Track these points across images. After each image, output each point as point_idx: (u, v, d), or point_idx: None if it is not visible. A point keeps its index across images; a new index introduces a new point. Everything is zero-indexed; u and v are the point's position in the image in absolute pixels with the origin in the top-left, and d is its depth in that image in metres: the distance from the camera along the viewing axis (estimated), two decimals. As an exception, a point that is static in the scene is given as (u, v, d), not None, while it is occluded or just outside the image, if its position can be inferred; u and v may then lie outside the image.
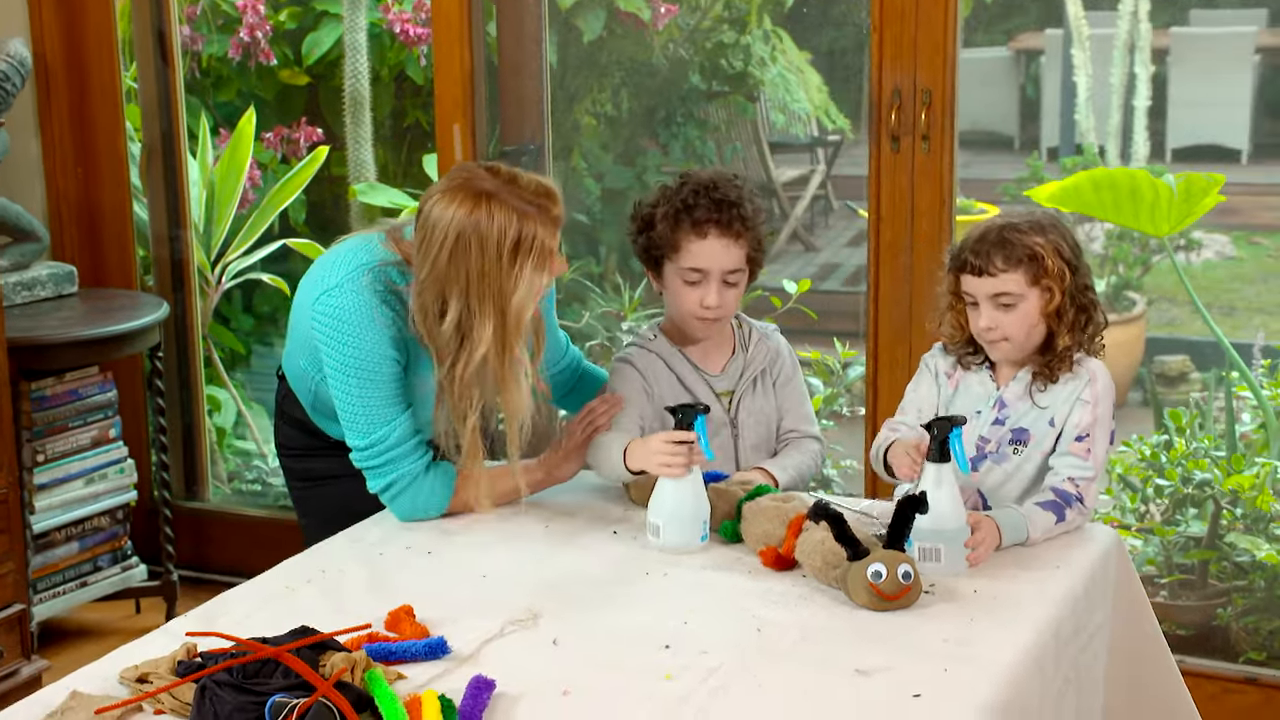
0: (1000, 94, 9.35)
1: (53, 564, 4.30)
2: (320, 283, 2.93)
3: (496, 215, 2.75)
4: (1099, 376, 2.86)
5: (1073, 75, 7.03)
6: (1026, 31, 9.23)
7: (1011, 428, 2.89)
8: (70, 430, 4.30)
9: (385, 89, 5.46)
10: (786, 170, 8.13)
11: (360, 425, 2.92)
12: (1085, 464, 2.82)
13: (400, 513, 2.95)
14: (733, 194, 3.05)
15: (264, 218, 5.00)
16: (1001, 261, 2.81)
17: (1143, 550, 4.19)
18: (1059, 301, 2.82)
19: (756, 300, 5.19)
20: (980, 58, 9.58)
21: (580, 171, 6.89)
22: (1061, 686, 2.53)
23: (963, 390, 2.96)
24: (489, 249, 2.74)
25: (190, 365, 4.84)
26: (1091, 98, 6.97)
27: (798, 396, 3.24)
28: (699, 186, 3.06)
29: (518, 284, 2.77)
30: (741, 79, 7.53)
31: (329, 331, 2.89)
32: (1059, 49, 8.26)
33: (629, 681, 2.29)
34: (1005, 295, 2.82)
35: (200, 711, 2.18)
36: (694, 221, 3.04)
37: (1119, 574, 2.82)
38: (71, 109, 4.65)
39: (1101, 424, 2.84)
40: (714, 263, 3.05)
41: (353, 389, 2.90)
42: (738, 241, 3.05)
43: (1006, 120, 9.37)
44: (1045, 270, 2.80)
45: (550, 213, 2.82)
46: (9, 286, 4.30)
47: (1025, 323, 2.83)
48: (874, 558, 2.52)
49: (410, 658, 2.38)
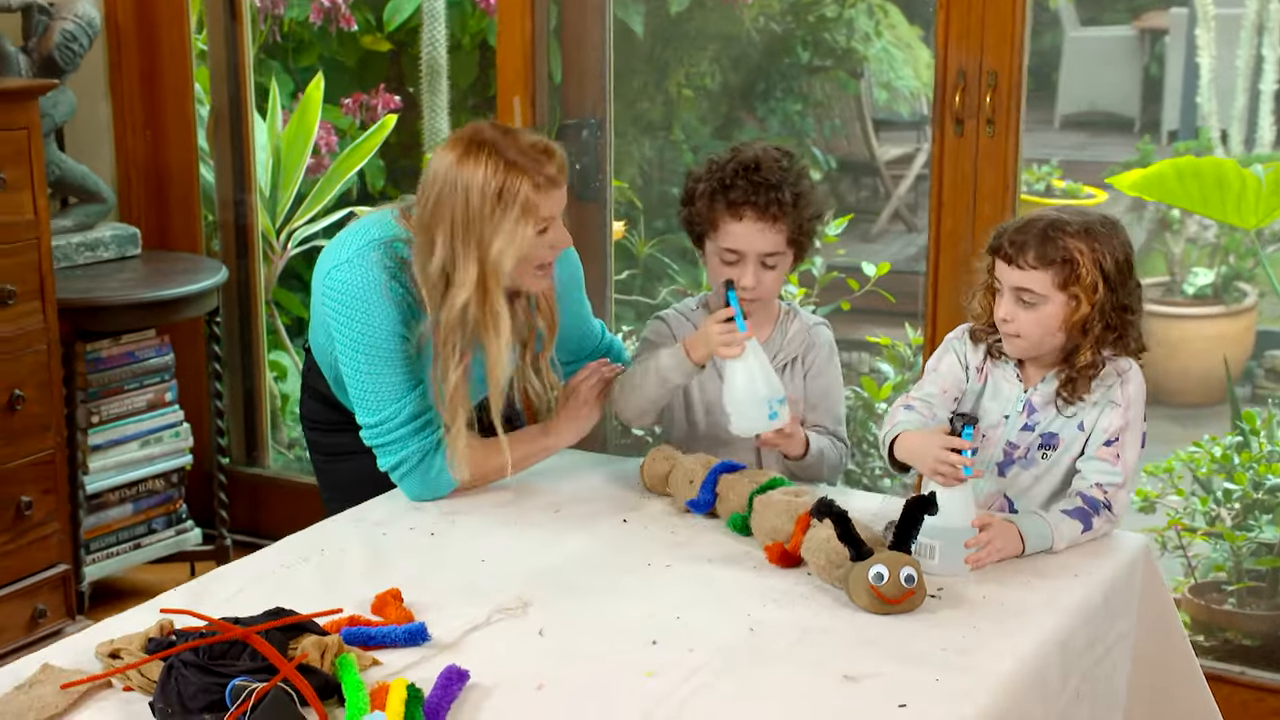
0: (1122, 74, 9.13)
1: (106, 525, 4.31)
2: (331, 258, 2.92)
3: (485, 163, 2.77)
4: (1131, 378, 2.73)
5: (1196, 56, 6.81)
6: (1153, 10, 8.99)
7: (1041, 433, 2.78)
8: (126, 392, 4.31)
9: (468, 57, 5.42)
10: (890, 148, 7.99)
11: (369, 402, 2.89)
12: (1114, 469, 2.70)
13: (410, 492, 2.91)
14: (775, 175, 2.95)
15: (330, 185, 4.98)
16: (1034, 257, 2.67)
17: (1211, 555, 4.05)
18: (1085, 314, 2.67)
19: (833, 282, 5.09)
20: (1102, 36, 9.37)
21: (679, 144, 6.82)
22: (1071, 699, 2.43)
23: (991, 390, 2.85)
24: (473, 195, 2.76)
25: (252, 331, 4.83)
26: (1215, 80, 6.75)
27: (831, 393, 3.14)
28: (741, 166, 2.97)
29: (497, 232, 2.77)
30: (845, 54, 7.41)
31: (338, 307, 2.87)
32: (1184, 28, 8.04)
33: (608, 677, 2.23)
34: (1028, 292, 2.69)
35: (164, 690, 2.15)
36: (730, 202, 2.96)
37: (1146, 583, 2.71)
38: (142, 71, 4.65)
39: (1132, 428, 2.72)
40: (750, 245, 2.97)
41: (361, 365, 2.87)
42: (775, 225, 2.95)
43: (1128, 101, 9.14)
44: (1077, 278, 2.65)
45: (542, 169, 2.79)
46: (72, 247, 4.32)
47: (1042, 325, 2.70)
48: (877, 559, 2.43)
49: (389, 643, 2.34)
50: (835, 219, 5.39)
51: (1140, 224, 7.24)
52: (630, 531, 2.80)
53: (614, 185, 4.32)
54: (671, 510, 2.89)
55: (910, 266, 6.91)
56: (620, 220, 5.20)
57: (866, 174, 8.05)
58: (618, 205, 4.98)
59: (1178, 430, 5.59)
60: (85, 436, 4.21)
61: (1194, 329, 6.20)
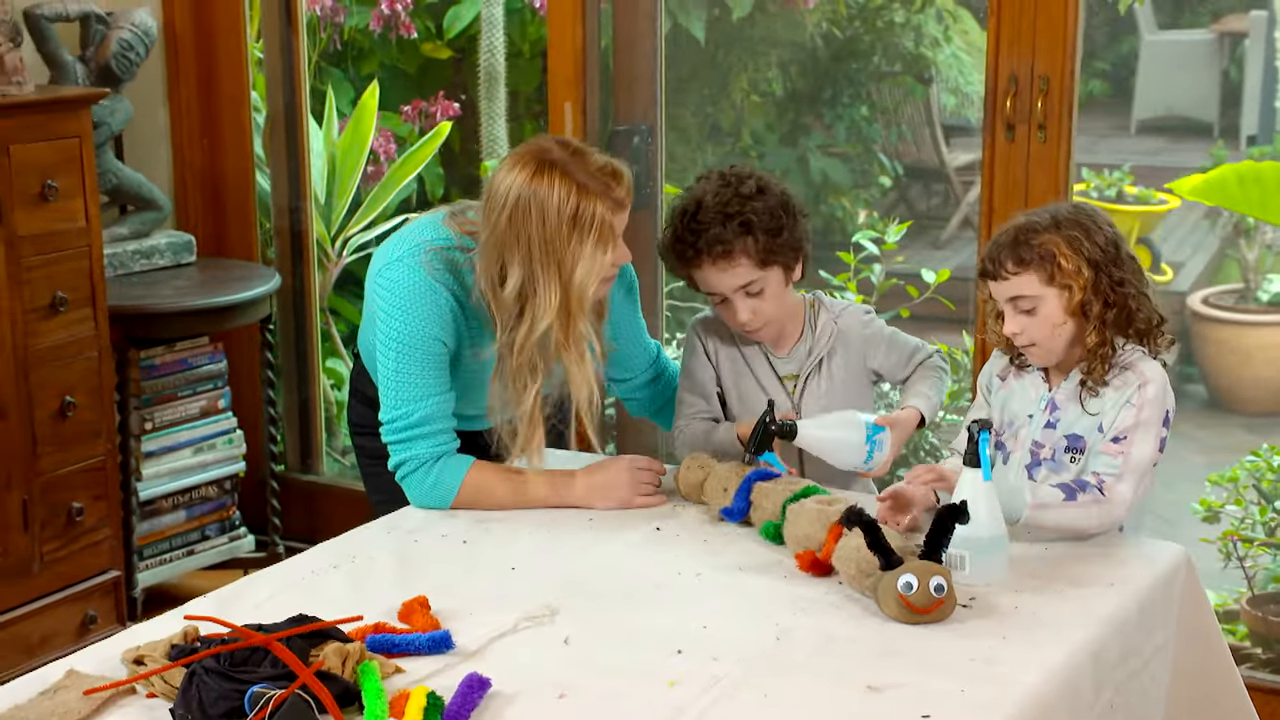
0: (1200, 79, 9.02)
1: (159, 531, 4.34)
2: (384, 256, 2.95)
3: (557, 185, 2.74)
4: (1151, 381, 2.69)
5: (1275, 60, 6.73)
6: (1231, 14, 8.87)
7: (1065, 433, 2.75)
8: (179, 399, 4.33)
9: (529, 64, 5.42)
10: (960, 154, 7.93)
11: (390, 398, 2.91)
12: (1114, 462, 2.67)
13: (411, 496, 2.92)
14: (714, 214, 2.91)
15: (385, 192, 4.99)
16: (1013, 264, 2.68)
17: (1270, 567, 3.98)
18: (1080, 298, 2.67)
19: (892, 289, 5.05)
20: (1180, 40, 9.25)
21: (748, 150, 6.79)
22: (1104, 711, 2.39)
23: (1016, 392, 2.83)
24: (549, 217, 2.73)
25: (307, 338, 4.85)
26: (1293, 84, 6.66)
27: (893, 351, 3.11)
28: (682, 212, 2.96)
29: (578, 258, 2.75)
30: (913, 59, 7.36)
31: (385, 303, 2.90)
32: (1263, 31, 7.94)
33: (631, 686, 2.22)
34: (1022, 299, 2.69)
35: (185, 697, 2.15)
36: (683, 258, 2.97)
37: (1185, 593, 2.66)
38: (199, 79, 4.67)
39: (1145, 428, 2.67)
40: (721, 286, 2.96)
41: (391, 360, 2.89)
42: (731, 260, 2.92)
43: (1206, 106, 9.03)
44: (1059, 268, 2.66)
45: (612, 192, 2.77)
46: (128, 254, 4.35)
47: (1048, 325, 2.69)
48: (906, 568, 2.40)
49: (413, 651, 2.33)
50: (898, 225, 5.35)
51: (1214, 230, 7.16)
52: (662, 539, 2.78)
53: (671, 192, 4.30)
54: (705, 518, 2.87)
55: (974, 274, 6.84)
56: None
57: (936, 180, 7.99)
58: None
59: (1251, 439, 5.51)
60: (138, 443, 4.24)
61: (1269, 336, 6.12)
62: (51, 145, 3.80)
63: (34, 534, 3.83)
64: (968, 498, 2.50)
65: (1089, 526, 2.67)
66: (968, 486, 2.53)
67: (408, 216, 5.02)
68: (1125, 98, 9.01)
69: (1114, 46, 8.83)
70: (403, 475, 2.91)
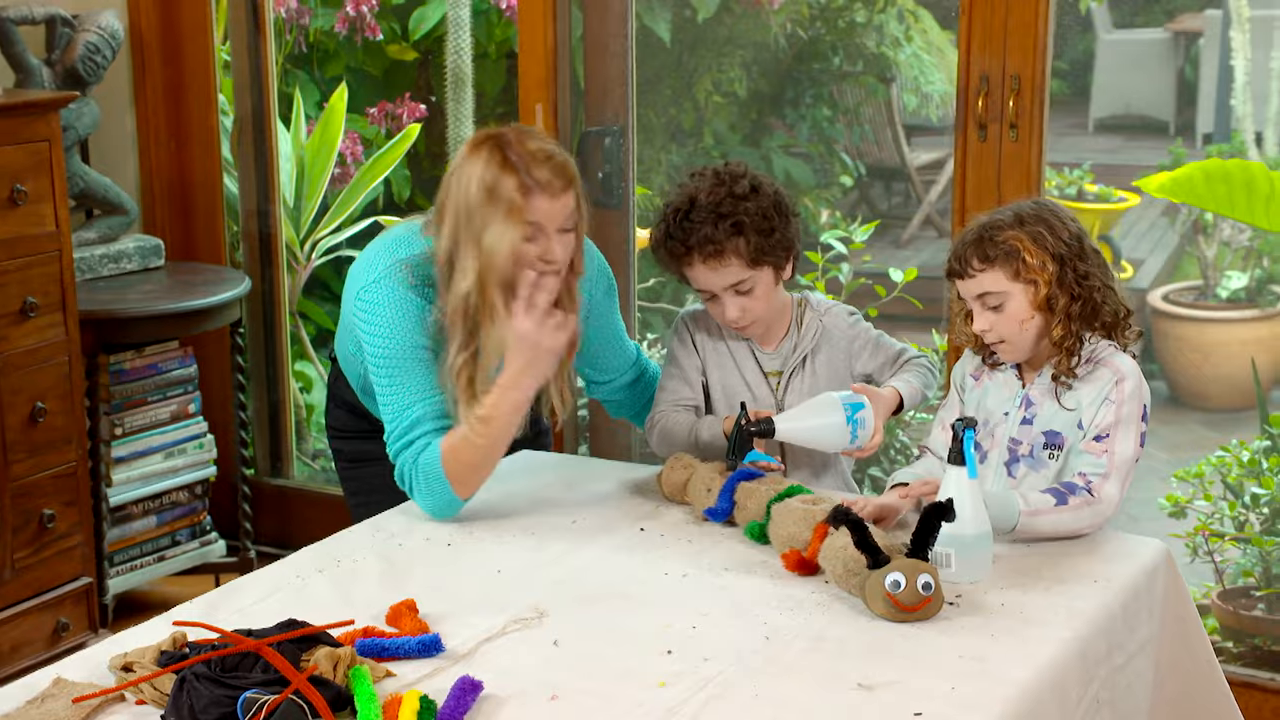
0: (1156, 78, 9.06)
1: (130, 537, 4.31)
2: (363, 275, 2.96)
3: (485, 158, 2.80)
4: (1127, 377, 2.73)
5: (1230, 59, 6.75)
6: (1186, 13, 8.92)
7: (1042, 429, 2.77)
8: (149, 404, 4.31)
9: (494, 65, 5.41)
10: (921, 154, 7.96)
11: (390, 411, 2.91)
12: (1099, 461, 2.69)
13: (422, 503, 2.88)
14: (707, 213, 2.94)
15: (354, 195, 4.97)
16: (978, 261, 2.73)
17: (1240, 561, 4.01)
18: (1046, 292, 2.70)
19: (860, 288, 5.06)
20: (1136, 39, 9.30)
21: (709, 150, 6.80)
22: (1091, 707, 2.40)
23: (990, 390, 2.86)
24: (471, 187, 2.80)
25: (277, 342, 4.83)
26: (1250, 82, 6.69)
27: (881, 349, 3.14)
28: (675, 210, 2.98)
29: (486, 227, 2.79)
30: (875, 59, 7.38)
31: (369, 324, 2.91)
32: (1218, 31, 7.98)
33: (622, 688, 2.22)
34: (988, 295, 2.73)
35: (176, 704, 2.14)
36: (674, 254, 2.99)
37: (1167, 589, 2.68)
38: (166, 82, 4.65)
39: (1125, 424, 2.71)
40: (712, 284, 2.99)
41: (384, 379, 2.90)
42: (722, 259, 2.94)
43: (1162, 105, 9.08)
44: (1024, 264, 2.70)
45: (531, 171, 2.79)
46: (95, 259, 4.32)
47: (1016, 321, 2.73)
48: (894, 567, 2.41)
49: (403, 654, 2.33)
50: (863, 224, 5.37)
51: (1174, 228, 7.19)
52: (647, 540, 2.78)
53: (641, 193, 4.30)
54: (689, 519, 2.87)
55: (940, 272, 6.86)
56: (646, 228, 5.19)
57: (897, 180, 8.02)
58: (645, 213, 4.96)
59: (1212, 435, 5.55)
60: (108, 449, 4.21)
61: (1227, 333, 6.15)
62: (21, 149, 3.77)
63: (5, 541, 3.80)
64: (953, 496, 2.51)
65: (1081, 528, 2.69)
66: (953, 484, 2.54)
67: (378, 220, 5.01)
68: (1082, 96, 9.05)
69: (1070, 45, 8.87)
70: (408, 486, 2.89)
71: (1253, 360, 4.56)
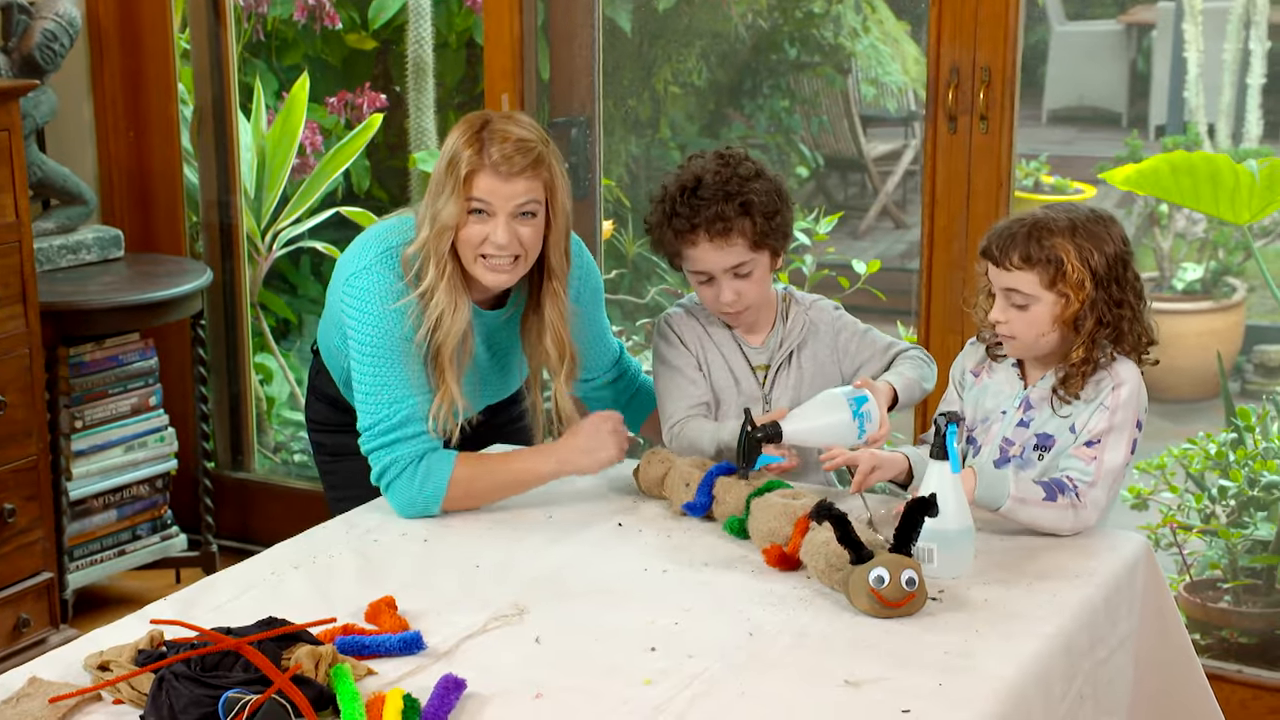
0: (1109, 69, 9.10)
1: (90, 531, 4.27)
2: (352, 263, 2.92)
3: (460, 133, 2.83)
4: (1125, 382, 2.70)
5: (1183, 50, 6.78)
6: (1139, 5, 8.96)
7: (1036, 432, 2.76)
8: (110, 397, 4.26)
9: (455, 55, 5.37)
10: (878, 145, 7.96)
11: (370, 404, 2.86)
12: (1087, 469, 2.68)
13: (398, 506, 2.84)
14: (717, 191, 2.92)
15: (315, 186, 4.92)
16: (1019, 258, 2.67)
17: (1207, 553, 4.02)
18: (1075, 310, 2.66)
19: (823, 280, 5.05)
20: (1089, 31, 9.34)
21: (667, 142, 6.78)
22: (1074, 702, 2.40)
23: (990, 388, 2.84)
24: (441, 159, 2.85)
25: (238, 333, 4.78)
26: (1202, 74, 6.71)
27: (869, 342, 3.12)
28: (681, 189, 2.95)
29: (440, 194, 2.82)
30: (832, 50, 7.37)
31: (356, 311, 2.87)
32: (1170, 23, 8.01)
33: (607, 685, 2.20)
34: (1017, 293, 2.69)
35: (156, 703, 2.11)
36: (678, 230, 2.96)
37: (1147, 584, 2.68)
38: (124, 71, 4.60)
39: (1118, 432, 2.69)
40: (712, 265, 2.96)
41: (367, 369, 2.86)
42: (728, 240, 2.93)
43: (1115, 96, 9.12)
44: (1064, 276, 2.65)
45: (486, 147, 2.80)
46: (54, 249, 4.27)
47: (1034, 326, 2.70)
48: (877, 562, 2.39)
49: (384, 652, 2.30)
50: (825, 216, 5.36)
51: (1129, 219, 7.21)
52: (625, 535, 2.76)
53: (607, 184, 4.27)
54: (666, 514, 2.85)
55: (900, 264, 6.88)
56: (609, 219, 5.16)
57: (854, 170, 8.02)
58: (606, 204, 4.94)
59: (1168, 426, 5.57)
60: (68, 442, 4.16)
61: (1183, 324, 6.18)
62: (-22, 138, 3.72)
63: (-35, 536, 3.76)
64: (936, 490, 2.50)
65: (1061, 528, 2.68)
66: (935, 479, 2.53)
67: (338, 210, 4.96)
68: (1036, 88, 9.08)
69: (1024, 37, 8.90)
70: (388, 482, 2.84)
71: (1218, 354, 4.58)
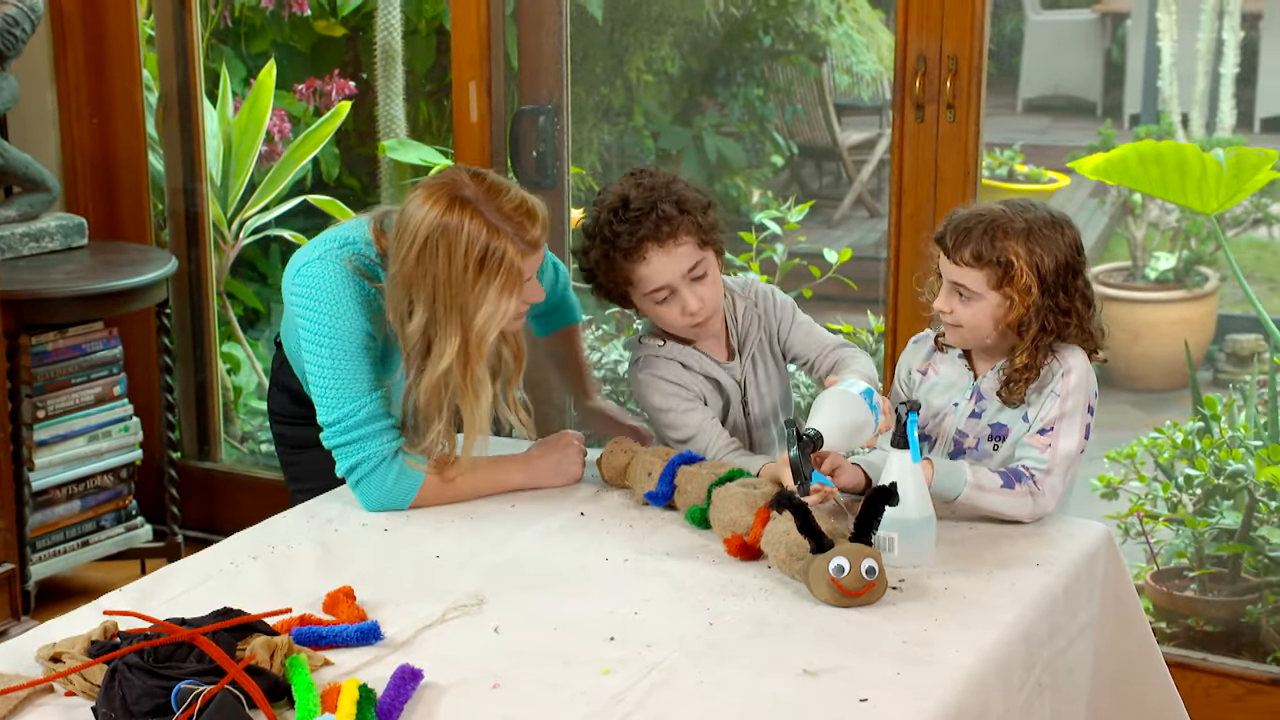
0: (1084, 59, 9.12)
1: (52, 522, 4.23)
2: (301, 257, 2.86)
3: (467, 224, 2.65)
4: (1073, 370, 2.70)
5: (1157, 40, 6.78)
6: (1114, -6, 8.99)
7: (989, 422, 2.76)
8: (73, 386, 4.22)
9: (424, 42, 5.35)
10: (852, 134, 7.96)
11: (330, 400, 2.81)
12: (1042, 457, 2.68)
13: (366, 500, 2.81)
14: (645, 200, 2.89)
15: (284, 173, 4.89)
16: (970, 255, 2.67)
17: (1173, 542, 4.02)
18: (1020, 314, 2.67)
19: (794, 269, 5.04)
20: (1064, 20, 9.35)
21: (640, 129, 6.76)
22: (1033, 691, 2.40)
23: (939, 384, 2.85)
24: (455, 258, 2.64)
25: (204, 322, 4.75)
26: (1176, 64, 6.71)
27: (807, 332, 3.08)
28: (612, 212, 2.91)
29: (481, 301, 2.67)
30: (806, 38, 7.36)
31: (305, 302, 2.81)
32: (1145, 12, 8.02)
33: (565, 675, 2.18)
34: (963, 288, 2.70)
35: (108, 695, 2.09)
36: (625, 252, 2.90)
37: (1108, 572, 2.68)
38: (88, 56, 4.56)
39: (1070, 418, 2.69)
40: (670, 274, 2.90)
41: (324, 361, 2.80)
42: (677, 240, 2.89)
43: (1090, 86, 9.14)
44: (1011, 280, 2.65)
45: (526, 233, 2.69)
46: (16, 237, 4.23)
47: (977, 319, 2.70)
48: (837, 551, 2.38)
49: (341, 643, 2.28)
50: (798, 205, 5.35)
51: (1103, 209, 7.23)
52: (587, 525, 2.74)
53: (573, 172, 4.26)
54: (628, 503, 2.84)
55: (874, 252, 6.88)
56: (579, 207, 5.14)
57: (829, 159, 8.02)
58: (576, 192, 4.92)
59: (1141, 415, 5.58)
60: (31, 432, 4.12)
61: (1156, 313, 6.19)
62: (-60, 125, 3.69)
63: (-74, 527, 3.73)
64: (896, 479, 2.49)
65: (1019, 515, 2.68)
66: (896, 468, 2.52)
67: (306, 198, 4.94)
68: (1011, 77, 9.09)
69: (999, 25, 8.91)
70: (358, 479, 2.80)
71: (1185, 343, 4.57)
